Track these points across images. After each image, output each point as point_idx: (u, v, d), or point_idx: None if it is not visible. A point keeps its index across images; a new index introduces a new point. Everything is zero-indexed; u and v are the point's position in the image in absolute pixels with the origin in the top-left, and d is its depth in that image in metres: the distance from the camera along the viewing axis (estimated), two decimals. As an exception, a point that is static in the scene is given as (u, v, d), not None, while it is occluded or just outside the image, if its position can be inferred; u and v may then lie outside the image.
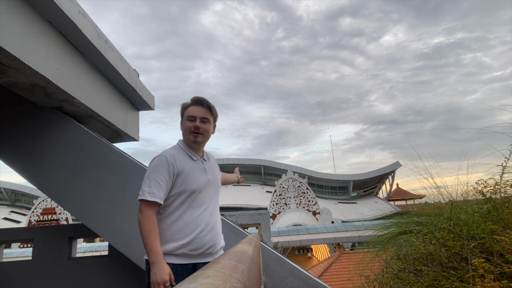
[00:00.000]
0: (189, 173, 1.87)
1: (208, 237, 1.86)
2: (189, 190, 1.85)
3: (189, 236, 1.80)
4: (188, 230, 1.81)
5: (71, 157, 2.70)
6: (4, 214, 43.25)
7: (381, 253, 4.04)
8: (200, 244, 1.83)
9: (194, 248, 1.81)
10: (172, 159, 1.86)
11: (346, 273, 10.93)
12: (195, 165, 1.93)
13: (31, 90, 2.40)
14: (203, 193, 1.91)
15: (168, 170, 1.82)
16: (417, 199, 23.52)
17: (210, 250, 1.88)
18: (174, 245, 1.78)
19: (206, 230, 1.86)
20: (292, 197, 31.23)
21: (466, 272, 1.92)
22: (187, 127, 1.94)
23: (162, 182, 1.80)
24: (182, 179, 1.85)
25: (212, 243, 1.89)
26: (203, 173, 1.94)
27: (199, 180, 1.90)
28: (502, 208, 2.22)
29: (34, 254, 3.25)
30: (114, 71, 3.10)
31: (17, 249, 21.91)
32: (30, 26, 2.06)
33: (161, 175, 1.81)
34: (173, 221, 1.82)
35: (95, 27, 2.66)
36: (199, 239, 1.82)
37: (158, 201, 1.76)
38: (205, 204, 1.90)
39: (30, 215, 28.88)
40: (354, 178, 46.14)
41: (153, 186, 1.79)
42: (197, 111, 1.94)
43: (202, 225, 1.85)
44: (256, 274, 0.96)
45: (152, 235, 1.69)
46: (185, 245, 1.79)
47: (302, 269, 2.76)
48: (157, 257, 1.65)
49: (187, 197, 1.85)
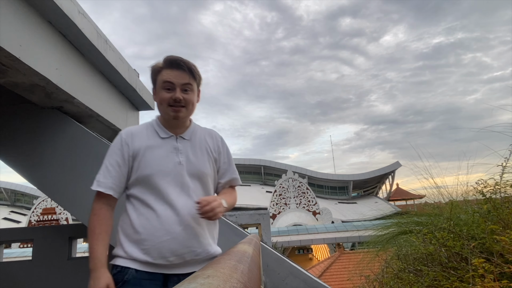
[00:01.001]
0: (146, 153, 1.44)
1: (179, 240, 1.39)
2: (143, 177, 1.42)
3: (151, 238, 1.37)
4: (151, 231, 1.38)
5: (71, 157, 2.70)
6: (4, 214, 43.21)
7: (381, 253, 4.04)
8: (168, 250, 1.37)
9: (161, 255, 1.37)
10: (129, 136, 1.47)
11: (346, 273, 10.92)
12: (160, 143, 1.48)
13: (31, 90, 2.40)
14: (167, 179, 1.43)
15: (122, 151, 1.44)
16: (417, 199, 23.51)
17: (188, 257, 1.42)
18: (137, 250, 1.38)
19: (176, 230, 1.39)
20: (292, 197, 31.22)
21: (466, 272, 1.92)
22: (164, 98, 1.47)
23: (112, 166, 1.43)
24: (138, 162, 1.44)
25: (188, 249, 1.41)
26: (171, 154, 1.47)
27: (161, 162, 1.44)
28: (502, 208, 2.22)
29: (34, 254, 3.25)
30: (114, 71, 3.09)
31: (17, 249, 21.90)
32: (30, 26, 2.06)
33: (112, 158, 1.45)
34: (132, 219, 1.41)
35: (95, 27, 2.66)
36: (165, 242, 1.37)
37: (102, 190, 1.39)
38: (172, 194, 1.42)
39: (30, 215, 28.87)
40: (354, 178, 46.12)
41: (102, 172, 1.44)
42: (176, 76, 1.46)
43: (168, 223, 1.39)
44: (256, 274, 0.96)
45: (94, 235, 1.34)
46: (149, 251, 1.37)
47: (302, 269, 2.76)
48: (95, 263, 1.30)
49: (145, 187, 1.42)
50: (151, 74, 1.53)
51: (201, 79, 1.56)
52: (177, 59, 1.47)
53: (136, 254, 1.37)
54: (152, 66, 1.52)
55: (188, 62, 1.49)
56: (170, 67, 1.47)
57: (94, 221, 1.38)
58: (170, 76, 1.46)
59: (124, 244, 1.40)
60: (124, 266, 1.37)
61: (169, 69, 1.47)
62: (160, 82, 1.48)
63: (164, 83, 1.47)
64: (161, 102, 1.49)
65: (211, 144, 1.61)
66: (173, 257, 1.39)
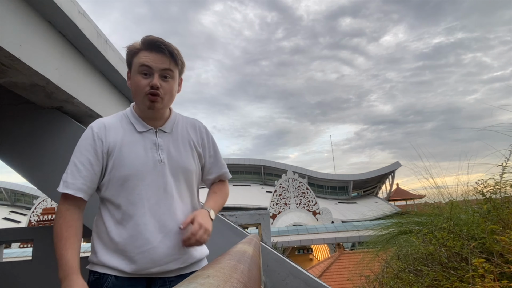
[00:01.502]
0: (122, 150, 1.26)
1: (162, 249, 1.25)
2: (121, 177, 1.25)
3: (130, 249, 1.23)
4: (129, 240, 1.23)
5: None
6: (4, 214, 43.22)
7: (381, 253, 4.04)
8: (150, 260, 1.24)
9: (142, 267, 1.24)
10: (102, 130, 1.28)
11: (346, 273, 10.92)
12: (137, 138, 1.30)
13: (31, 90, 2.40)
14: (147, 181, 1.27)
15: (94, 147, 1.25)
16: (417, 199, 23.51)
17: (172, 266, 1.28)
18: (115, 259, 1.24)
19: (158, 238, 1.25)
20: (292, 197, 31.22)
21: (466, 272, 1.92)
22: (140, 85, 1.27)
23: (82, 165, 1.24)
24: (112, 160, 1.26)
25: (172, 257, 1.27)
26: (150, 151, 1.30)
27: (140, 161, 1.27)
28: (502, 208, 2.22)
29: (34, 254, 3.25)
30: (114, 71, 3.10)
31: (17, 249, 21.90)
32: (30, 26, 2.06)
33: (82, 155, 1.25)
34: (108, 226, 1.27)
35: (95, 27, 2.66)
36: (146, 252, 1.23)
37: (70, 193, 1.22)
38: (152, 197, 1.26)
39: (30, 215, 28.90)
40: (354, 178, 46.10)
41: (69, 171, 1.25)
42: (154, 60, 1.27)
43: (149, 230, 1.24)
44: (256, 274, 0.96)
45: (62, 239, 1.17)
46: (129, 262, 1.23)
47: (302, 269, 2.76)
48: (66, 270, 1.13)
49: (121, 188, 1.26)
50: (127, 56, 1.33)
51: (184, 66, 1.37)
52: (157, 40, 1.28)
53: (115, 263, 1.24)
54: (128, 46, 1.32)
55: (170, 45, 1.30)
56: (149, 49, 1.28)
57: (61, 224, 1.20)
58: (148, 59, 1.26)
59: (100, 252, 1.26)
60: (103, 273, 1.24)
61: (147, 51, 1.28)
62: (136, 65, 1.28)
63: (140, 67, 1.27)
64: (137, 89, 1.29)
65: (194, 137, 1.43)
66: (156, 267, 1.25)
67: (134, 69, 1.30)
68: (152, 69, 1.27)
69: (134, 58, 1.31)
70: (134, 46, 1.31)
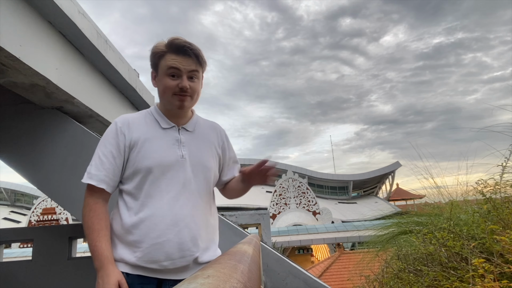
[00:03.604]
0: (145, 144, 1.31)
1: (176, 243, 1.26)
2: (142, 169, 1.28)
3: (145, 240, 1.25)
4: (144, 231, 1.25)
5: (71, 157, 2.70)
6: (4, 214, 43.21)
7: (381, 253, 4.04)
8: (163, 253, 1.25)
9: (154, 259, 1.25)
10: (125, 125, 1.32)
11: (346, 273, 10.92)
12: (161, 134, 1.35)
13: (31, 90, 2.40)
14: (169, 174, 1.30)
15: (117, 140, 1.29)
16: (417, 199, 23.51)
17: (182, 263, 1.28)
18: (128, 252, 1.26)
19: (173, 232, 1.26)
20: (292, 197, 31.22)
21: (466, 272, 1.92)
22: (169, 86, 1.33)
23: (106, 158, 1.28)
24: (135, 153, 1.30)
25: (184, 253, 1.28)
26: (173, 146, 1.34)
27: (162, 154, 1.31)
28: (502, 208, 2.22)
29: (34, 254, 3.25)
30: (114, 71, 3.10)
31: (17, 249, 21.90)
32: (30, 26, 2.06)
33: (106, 148, 1.29)
34: (124, 218, 1.28)
35: (95, 27, 2.66)
36: (160, 245, 1.24)
37: (94, 183, 1.25)
38: (171, 191, 1.30)
39: (30, 215, 28.86)
40: (354, 178, 46.11)
41: (93, 163, 1.29)
42: (182, 62, 1.32)
43: (164, 222, 1.26)
44: (256, 274, 0.96)
45: (95, 232, 1.21)
46: (141, 254, 1.25)
47: (302, 269, 2.76)
48: (101, 260, 1.19)
49: (143, 180, 1.29)
50: (152, 57, 1.37)
51: (206, 65, 1.44)
52: (184, 44, 1.33)
53: (127, 256, 1.26)
54: (154, 48, 1.36)
55: (195, 47, 1.35)
56: (176, 52, 1.33)
57: (92, 217, 1.23)
58: (176, 62, 1.32)
59: (115, 245, 1.29)
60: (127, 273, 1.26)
61: (174, 54, 1.33)
62: (164, 67, 1.33)
63: (169, 69, 1.32)
64: (165, 90, 1.34)
65: (215, 138, 1.49)
66: (167, 261, 1.25)
67: (162, 71, 1.35)
68: (181, 71, 1.33)
69: (161, 61, 1.35)
70: (160, 48, 1.35)
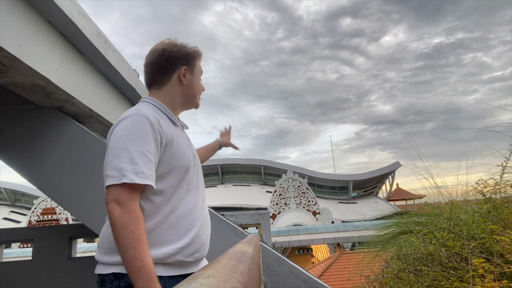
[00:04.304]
0: (178, 142, 1.29)
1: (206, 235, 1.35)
2: (182, 168, 1.26)
3: (187, 235, 1.24)
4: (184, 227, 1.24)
5: (71, 157, 2.70)
6: (4, 214, 43.22)
7: (381, 253, 4.04)
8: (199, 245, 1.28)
9: (192, 252, 1.25)
10: (156, 121, 1.21)
11: (346, 273, 10.92)
12: (179, 132, 1.36)
13: (31, 90, 2.40)
14: (195, 172, 1.36)
15: (155, 137, 1.18)
16: (417, 199, 23.52)
17: (205, 253, 1.35)
18: (166, 250, 1.18)
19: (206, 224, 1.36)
20: (292, 197, 31.22)
21: (466, 272, 1.92)
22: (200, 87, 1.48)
23: (152, 155, 1.15)
24: (171, 151, 1.24)
25: (208, 242, 1.38)
26: (188, 145, 1.39)
27: (188, 152, 1.33)
28: (502, 208, 2.22)
29: (34, 254, 3.25)
30: (114, 71, 3.10)
31: (17, 249, 21.90)
32: (30, 26, 2.06)
33: (148, 144, 1.15)
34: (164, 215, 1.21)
35: (95, 27, 2.66)
36: (199, 238, 1.28)
37: (152, 184, 1.13)
38: (198, 188, 1.36)
39: (30, 215, 28.87)
40: (354, 178, 46.11)
41: (140, 161, 1.10)
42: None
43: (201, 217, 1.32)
44: (256, 274, 0.96)
45: (144, 243, 1.04)
46: (182, 249, 1.22)
47: (302, 269, 2.76)
48: (151, 279, 1.00)
49: (180, 178, 1.26)
50: (192, 55, 1.42)
51: None
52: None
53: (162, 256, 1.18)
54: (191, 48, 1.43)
55: None
56: (200, 60, 1.48)
57: (140, 226, 1.06)
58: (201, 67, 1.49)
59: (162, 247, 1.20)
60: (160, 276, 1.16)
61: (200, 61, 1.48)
62: (199, 69, 1.46)
63: (201, 73, 1.48)
64: (197, 90, 1.45)
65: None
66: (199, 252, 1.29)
67: (198, 72, 1.45)
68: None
69: (199, 62, 1.46)
70: (198, 52, 1.45)
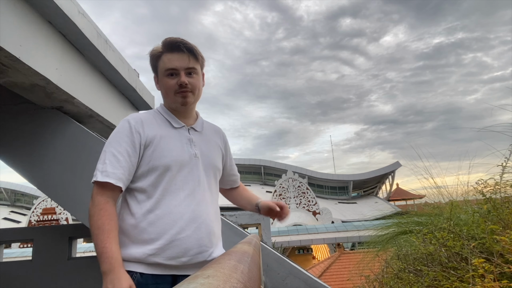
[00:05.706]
0: (161, 142, 1.32)
1: (194, 239, 1.28)
2: (160, 167, 1.29)
3: (164, 235, 1.24)
4: (162, 227, 1.25)
5: (71, 157, 2.70)
6: (4, 214, 43.22)
7: (381, 253, 4.04)
8: (182, 249, 1.26)
9: (173, 256, 1.25)
10: (139, 124, 1.31)
11: (346, 273, 10.92)
12: (174, 133, 1.38)
13: (31, 90, 2.40)
14: (184, 172, 1.33)
15: (132, 139, 1.28)
16: (417, 199, 23.52)
17: (199, 259, 1.30)
18: (143, 250, 1.23)
19: (191, 228, 1.28)
20: (292, 197, 31.22)
21: (466, 272, 1.92)
22: (169, 86, 1.37)
23: (122, 156, 1.25)
24: (151, 151, 1.30)
25: (201, 248, 1.30)
26: (185, 145, 1.37)
27: (177, 152, 1.33)
28: (502, 208, 2.22)
29: (34, 254, 3.25)
30: (114, 71, 3.10)
31: (17, 249, 21.89)
32: (30, 26, 2.06)
33: (121, 146, 1.26)
34: (144, 213, 1.27)
35: (95, 27, 2.66)
36: (179, 241, 1.25)
37: (112, 182, 1.21)
38: (187, 188, 1.32)
39: (30, 215, 28.84)
40: (354, 178, 46.10)
41: (108, 161, 1.24)
42: (177, 61, 1.36)
43: (183, 219, 1.28)
44: (256, 274, 0.96)
45: (105, 232, 1.15)
46: (159, 251, 1.24)
47: (302, 269, 2.75)
48: (112, 263, 1.11)
49: (159, 178, 1.29)
50: (151, 60, 1.42)
51: (204, 61, 1.47)
52: (176, 41, 1.36)
53: (141, 255, 1.23)
54: (151, 51, 1.40)
55: (188, 43, 1.38)
56: (170, 50, 1.37)
57: (103, 216, 1.17)
58: (171, 61, 1.36)
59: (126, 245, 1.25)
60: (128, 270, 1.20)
61: (169, 53, 1.37)
62: (162, 69, 1.38)
63: (166, 70, 1.36)
64: (167, 91, 1.38)
65: (219, 140, 1.56)
66: (186, 257, 1.26)
67: (161, 72, 1.39)
68: (177, 69, 1.36)
69: (159, 62, 1.40)
70: (157, 50, 1.39)
